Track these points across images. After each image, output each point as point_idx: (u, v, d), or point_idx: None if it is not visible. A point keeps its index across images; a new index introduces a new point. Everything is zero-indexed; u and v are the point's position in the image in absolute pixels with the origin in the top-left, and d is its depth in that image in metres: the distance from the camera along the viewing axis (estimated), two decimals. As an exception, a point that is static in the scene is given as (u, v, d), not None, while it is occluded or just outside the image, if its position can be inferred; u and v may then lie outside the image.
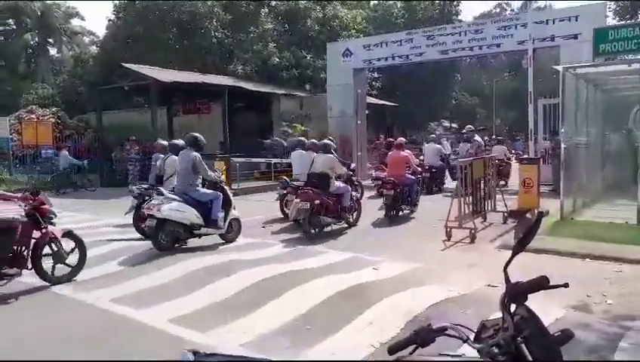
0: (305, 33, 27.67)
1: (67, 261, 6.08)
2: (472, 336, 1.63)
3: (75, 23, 41.29)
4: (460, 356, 1.68)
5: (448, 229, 8.10)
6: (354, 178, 10.04)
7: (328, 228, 8.85)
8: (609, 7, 23.65)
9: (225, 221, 7.86)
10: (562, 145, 9.16)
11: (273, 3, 29.71)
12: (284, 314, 4.81)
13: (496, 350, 1.54)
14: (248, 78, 24.25)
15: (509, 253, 1.68)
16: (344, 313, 4.79)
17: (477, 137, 13.95)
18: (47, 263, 5.94)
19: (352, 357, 3.90)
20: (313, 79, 25.52)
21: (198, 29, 26.55)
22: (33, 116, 22.06)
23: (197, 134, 8.15)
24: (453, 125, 40.97)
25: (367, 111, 21.41)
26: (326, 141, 9.77)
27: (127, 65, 19.83)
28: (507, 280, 1.65)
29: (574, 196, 9.69)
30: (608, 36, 10.40)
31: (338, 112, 20.07)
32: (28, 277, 5.86)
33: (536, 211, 1.79)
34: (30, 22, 37.98)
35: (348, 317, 4.69)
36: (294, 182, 9.91)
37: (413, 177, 10.50)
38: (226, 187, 8.28)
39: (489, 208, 9.56)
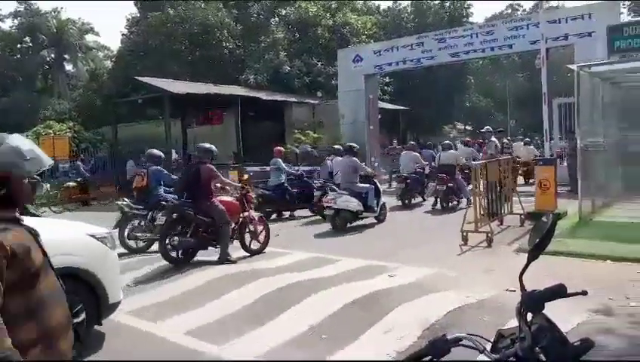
0: (315, 41, 27.77)
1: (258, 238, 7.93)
2: (488, 347, 1.57)
3: (90, 38, 42.12)
4: None
5: (464, 233, 7.99)
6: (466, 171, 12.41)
7: (452, 203, 11.85)
8: (623, 5, 23.35)
9: (378, 206, 10.23)
10: (579, 145, 9.00)
11: (283, 12, 29.89)
12: (299, 324, 4.77)
13: (513, 360, 1.48)
14: (260, 87, 24.38)
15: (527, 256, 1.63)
16: (360, 322, 4.73)
17: (493, 138, 13.80)
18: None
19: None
20: (325, 86, 25.58)
21: (210, 40, 26.81)
22: (50, 131, 22.41)
23: (354, 144, 10.91)
24: (468, 128, 40.71)
25: (379, 117, 21.35)
26: (448, 141, 14.08)
27: (140, 78, 20.09)
28: (522, 287, 1.60)
29: (593, 196, 9.49)
30: (623, 33, 10.25)
31: (350, 119, 20.07)
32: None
33: (550, 214, 1.71)
34: (46, 39, 38.75)
35: (363, 326, 4.62)
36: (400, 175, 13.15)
37: None
38: (375, 180, 10.74)
39: (506, 211, 9.42)
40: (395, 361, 3.56)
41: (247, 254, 7.81)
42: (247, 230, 7.82)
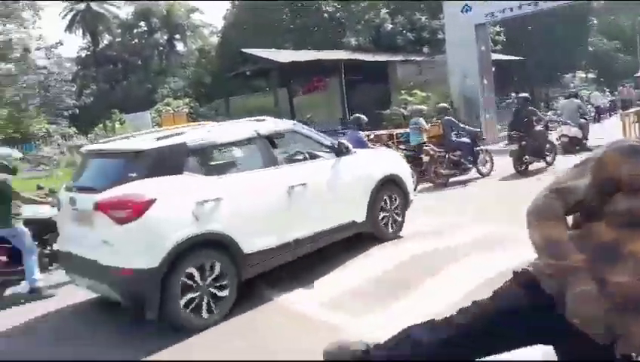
0: (418, -6, 26.43)
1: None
2: None
3: (196, 17, 43.97)
4: None
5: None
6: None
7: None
8: None
9: None
10: None
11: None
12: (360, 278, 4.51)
13: None
14: (362, 49, 23.86)
15: None
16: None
17: None
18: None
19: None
20: (431, 41, 24.38)
21: (310, 5, 26.65)
22: (169, 108, 23.97)
23: (573, 90, 13.56)
24: (590, 75, 36.85)
25: (492, 69, 19.94)
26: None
27: (246, 50, 20.55)
28: None
29: None
30: None
31: (460, 73, 18.95)
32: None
33: None
34: (158, 22, 41.22)
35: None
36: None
37: None
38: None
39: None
40: None
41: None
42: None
